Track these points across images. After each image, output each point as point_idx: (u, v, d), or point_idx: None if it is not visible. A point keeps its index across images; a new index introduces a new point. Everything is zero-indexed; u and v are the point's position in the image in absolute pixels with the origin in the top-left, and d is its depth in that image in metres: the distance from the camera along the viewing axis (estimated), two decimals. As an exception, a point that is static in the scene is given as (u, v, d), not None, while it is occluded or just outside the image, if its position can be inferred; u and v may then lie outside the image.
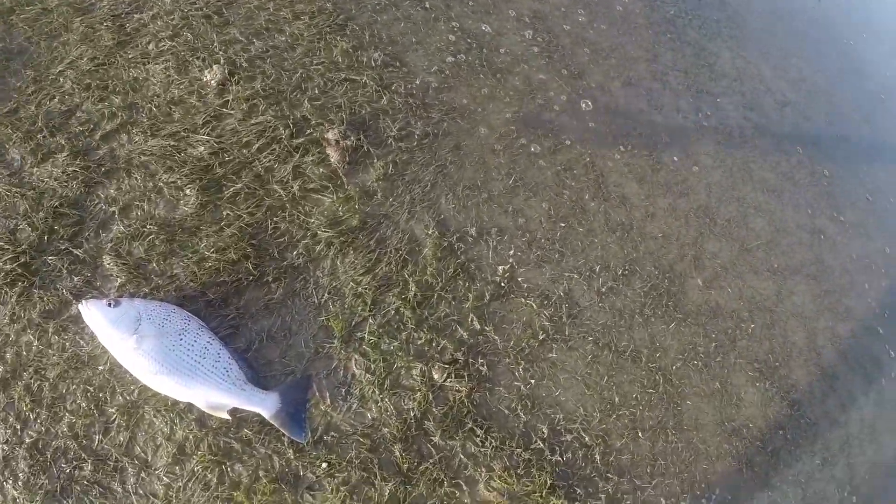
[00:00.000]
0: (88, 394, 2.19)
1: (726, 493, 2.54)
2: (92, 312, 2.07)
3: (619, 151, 3.04)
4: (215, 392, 2.05)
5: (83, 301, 2.09)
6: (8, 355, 2.22)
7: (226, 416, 2.08)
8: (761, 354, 2.87)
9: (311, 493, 2.15)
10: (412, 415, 2.29)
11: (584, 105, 3.11)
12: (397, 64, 2.88)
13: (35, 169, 2.51)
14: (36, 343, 2.22)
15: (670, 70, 3.58)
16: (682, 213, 3.03)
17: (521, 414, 2.40)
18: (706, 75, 3.75)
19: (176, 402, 2.16)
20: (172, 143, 2.54)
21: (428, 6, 3.11)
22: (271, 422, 2.10)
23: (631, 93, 3.30)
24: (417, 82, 2.87)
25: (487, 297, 2.52)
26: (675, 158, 3.18)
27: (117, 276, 2.31)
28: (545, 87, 3.06)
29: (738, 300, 2.96)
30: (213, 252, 2.36)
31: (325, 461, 2.18)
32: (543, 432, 2.39)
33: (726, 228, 3.12)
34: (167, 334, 2.06)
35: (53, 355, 2.21)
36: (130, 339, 2.02)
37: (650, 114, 3.28)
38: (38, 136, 2.57)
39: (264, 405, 2.08)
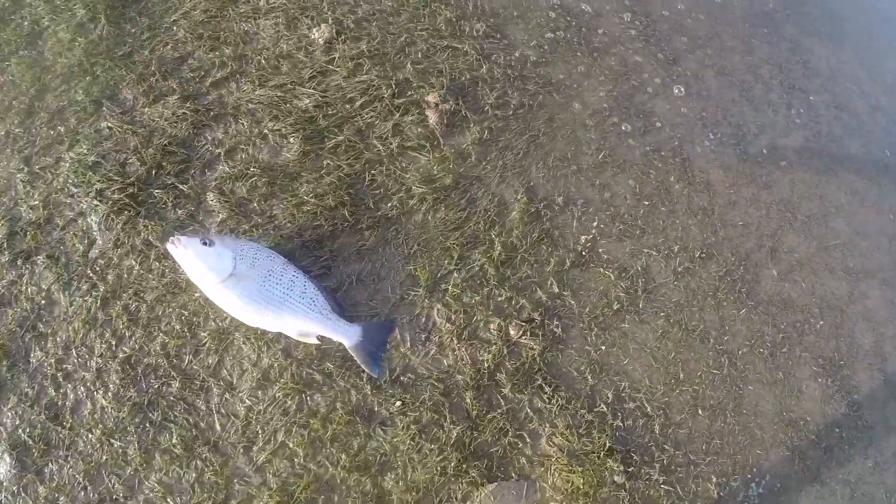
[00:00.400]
0: (183, 317, 2.38)
1: (776, 481, 2.59)
2: (186, 251, 2.13)
3: (707, 139, 3.09)
4: (303, 320, 2.19)
5: (174, 238, 2.14)
6: (109, 277, 2.44)
7: (314, 340, 2.23)
8: (827, 352, 2.90)
9: (384, 428, 2.31)
10: (486, 366, 2.43)
11: (676, 90, 3.16)
12: (498, 36, 3.00)
13: (146, 109, 2.72)
14: (137, 268, 2.43)
15: (764, 63, 3.59)
16: (764, 205, 3.06)
17: (589, 377, 2.51)
18: (800, 72, 3.74)
19: (265, 332, 2.32)
20: (279, 94, 2.72)
21: (531, -18, 3.21)
22: (351, 352, 2.25)
23: (724, 83, 3.33)
24: (517, 55, 2.97)
25: (568, 264, 2.63)
26: (764, 151, 3.20)
27: (219, 212, 2.51)
28: (640, 70, 3.13)
29: (811, 296, 2.99)
30: (311, 197, 2.52)
31: (399, 399, 2.33)
32: (608, 397, 2.49)
33: (806, 224, 3.14)
34: (258, 271, 2.17)
35: (153, 280, 2.42)
36: (227, 279, 2.13)
37: (741, 104, 3.31)
38: (151, 79, 2.78)
39: (347, 335, 2.22)
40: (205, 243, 2.14)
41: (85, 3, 2.95)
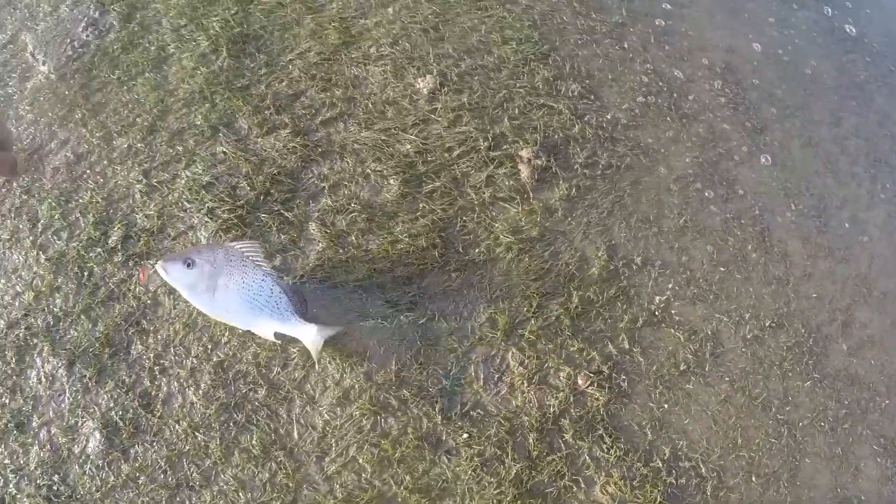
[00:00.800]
0: (276, 333, 2.57)
1: (823, 555, 2.65)
2: (173, 275, 2.37)
3: (789, 209, 3.16)
4: (268, 321, 2.41)
5: (161, 262, 2.38)
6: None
7: (272, 339, 2.45)
8: (890, 432, 2.91)
9: (449, 456, 2.48)
10: (552, 411, 2.59)
11: (763, 160, 3.25)
12: (592, 97, 3.16)
13: (259, 139, 3.01)
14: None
15: (851, 135, 3.62)
16: (840, 279, 3.12)
17: (649, 433, 2.64)
18: (887, 145, 3.75)
19: (350, 355, 2.55)
20: (383, 137, 2.95)
21: (626, 46, 3.35)
22: (307, 346, 2.45)
23: (809, 154, 3.39)
24: (608, 117, 3.13)
25: (640, 322, 2.77)
26: (846, 224, 3.25)
27: (319, 242, 2.76)
28: (727, 138, 3.23)
29: (879, 374, 3.02)
30: (406, 237, 2.74)
31: (467, 432, 2.51)
32: (665, 454, 2.60)
33: (881, 302, 3.17)
34: (234, 280, 2.40)
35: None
36: (207, 291, 2.37)
37: (825, 176, 3.37)
38: (266, 112, 3.07)
39: (303, 333, 2.44)
40: (188, 265, 2.36)
41: (209, 36, 3.26)
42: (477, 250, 2.76)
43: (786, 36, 3.72)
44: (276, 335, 2.46)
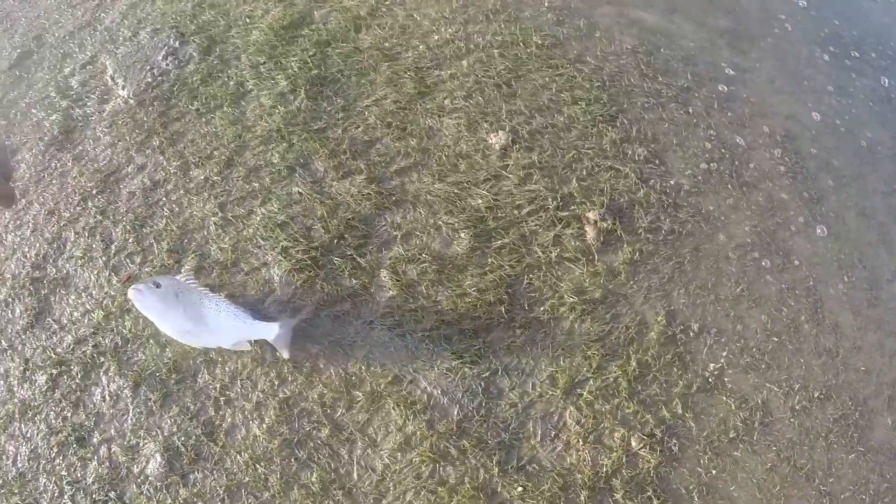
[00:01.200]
0: (343, 375, 2.68)
1: None
2: (146, 295, 2.55)
3: (842, 281, 3.24)
4: (232, 331, 2.57)
5: (136, 286, 2.56)
6: None
7: (248, 346, 2.62)
8: (930, 508, 2.99)
9: (502, 508, 2.54)
10: (604, 470, 2.69)
11: (819, 230, 3.33)
12: (657, 161, 3.26)
13: (335, 183, 3.11)
14: (307, 325, 2.76)
15: (905, 205, 3.70)
16: (889, 352, 3.19)
17: (696, 497, 2.72)
18: (941, 217, 3.82)
19: (414, 402, 2.64)
20: (456, 190, 3.05)
21: (691, 111, 3.45)
22: (273, 343, 2.62)
23: (863, 224, 3.47)
24: (672, 182, 3.22)
25: (694, 388, 2.86)
26: (896, 297, 3.33)
27: (390, 289, 2.83)
28: (785, 207, 3.32)
29: (922, 449, 3.09)
30: (474, 291, 2.84)
31: (521, 486, 2.58)
32: (710, 519, 2.70)
33: (928, 377, 3.24)
34: (193, 298, 2.56)
35: (320, 335, 2.76)
36: (180, 311, 2.53)
37: (878, 248, 3.44)
38: (342, 156, 3.18)
39: (268, 332, 2.59)
40: (157, 286, 2.55)
41: (287, 76, 3.38)
42: (542, 308, 2.86)
43: (844, 105, 3.80)
44: (242, 343, 2.62)
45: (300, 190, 3.09)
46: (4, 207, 3.25)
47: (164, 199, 3.21)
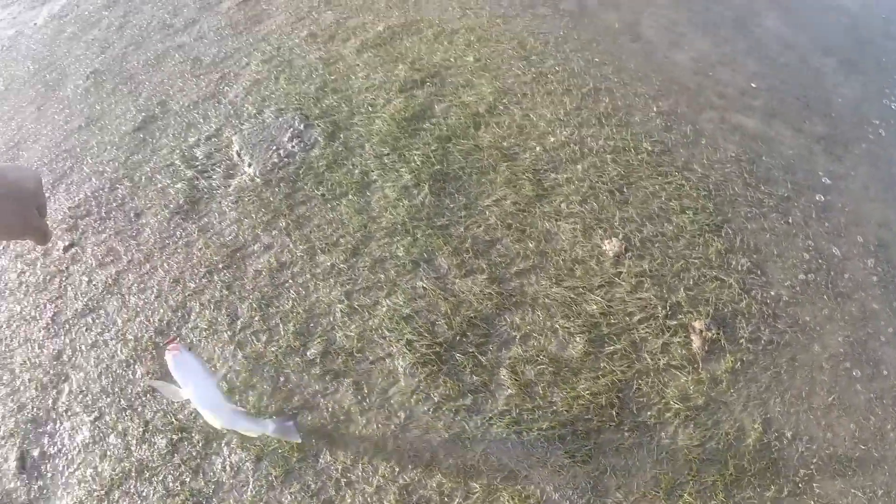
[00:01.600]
0: (460, 466, 2.89)
1: None
2: (185, 357, 2.39)
3: (928, 392, 3.48)
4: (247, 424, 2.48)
5: (172, 350, 2.37)
6: (402, 415, 2.95)
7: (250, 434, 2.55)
8: None
9: None
10: (700, 566, 2.99)
11: (907, 342, 3.57)
12: (759, 272, 3.51)
13: (458, 280, 3.29)
14: (429, 416, 2.94)
15: None
16: (968, 461, 3.42)
17: (784, 592, 3.02)
18: None
19: (527, 496, 2.87)
20: (572, 295, 3.33)
21: (790, 221, 3.68)
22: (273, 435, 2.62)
23: (949, 334, 3.69)
24: (772, 293, 3.48)
25: (785, 493, 3.13)
26: (979, 414, 3.55)
27: (509, 388, 3.07)
28: (876, 317, 3.55)
29: None
30: (587, 393, 3.13)
31: None
32: None
33: None
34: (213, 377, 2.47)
35: (441, 428, 2.93)
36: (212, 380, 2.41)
37: (964, 358, 3.66)
38: (465, 255, 3.38)
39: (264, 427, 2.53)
40: (190, 349, 2.49)
41: (410, 169, 3.67)
42: (649, 413, 3.15)
43: (935, 210, 4.00)
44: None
45: (424, 285, 3.28)
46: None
47: (290, 280, 3.39)
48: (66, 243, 4.03)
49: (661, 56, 4.96)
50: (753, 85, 4.76)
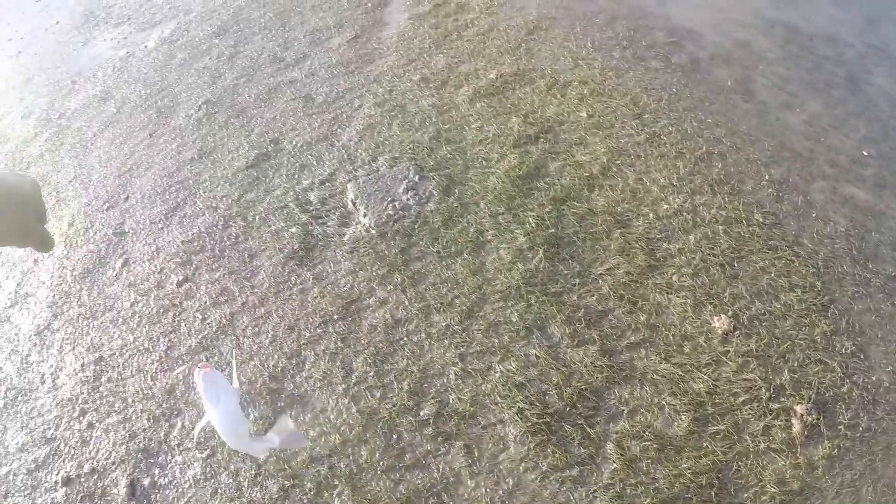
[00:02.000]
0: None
1: None
2: (214, 374, 2.27)
3: None
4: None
5: (203, 368, 2.27)
6: (510, 481, 3.03)
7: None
8: None
9: None
10: None
11: None
12: (861, 356, 3.62)
13: (570, 350, 3.37)
14: (535, 484, 3.03)
15: None
16: None
17: None
18: None
19: None
20: (680, 372, 3.48)
21: (895, 303, 3.75)
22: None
23: None
24: (874, 378, 3.59)
25: (865, 580, 3.37)
26: None
27: (614, 462, 3.25)
28: (967, 400, 3.67)
29: None
30: (689, 472, 3.34)
31: None
32: None
33: None
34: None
35: (548, 498, 3.00)
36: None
37: None
38: (577, 324, 3.51)
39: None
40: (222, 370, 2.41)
41: (525, 231, 3.77)
42: (745, 495, 3.35)
43: None
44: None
45: (537, 353, 3.38)
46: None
47: (405, 338, 3.48)
48: (181, 277, 4.24)
49: (774, 118, 4.88)
50: (864, 153, 4.68)
